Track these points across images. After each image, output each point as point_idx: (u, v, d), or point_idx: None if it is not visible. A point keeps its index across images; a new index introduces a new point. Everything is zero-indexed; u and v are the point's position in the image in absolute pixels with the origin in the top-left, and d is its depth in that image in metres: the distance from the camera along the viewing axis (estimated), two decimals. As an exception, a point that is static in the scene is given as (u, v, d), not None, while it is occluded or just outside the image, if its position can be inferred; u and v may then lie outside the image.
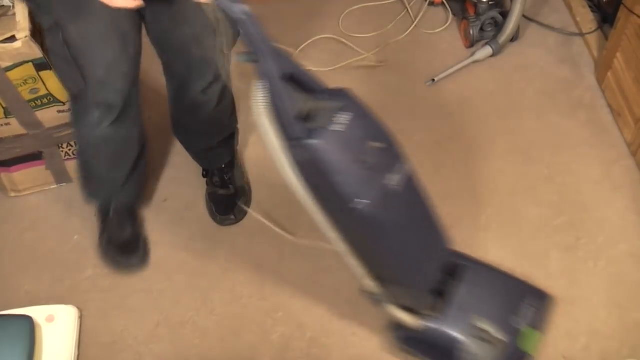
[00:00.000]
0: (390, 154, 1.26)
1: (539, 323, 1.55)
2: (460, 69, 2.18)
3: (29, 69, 1.58)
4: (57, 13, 1.35)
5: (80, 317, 1.69)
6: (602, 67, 2.07)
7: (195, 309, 1.71)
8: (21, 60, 1.56)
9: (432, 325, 1.47)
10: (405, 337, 1.55)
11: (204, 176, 1.90)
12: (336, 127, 1.16)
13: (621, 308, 1.65)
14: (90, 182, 1.74)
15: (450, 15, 2.35)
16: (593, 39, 2.21)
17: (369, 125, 1.23)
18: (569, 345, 1.60)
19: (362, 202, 1.19)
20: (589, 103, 2.08)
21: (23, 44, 1.52)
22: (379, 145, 1.23)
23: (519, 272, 1.73)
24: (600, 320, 1.64)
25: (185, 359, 1.64)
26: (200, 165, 1.89)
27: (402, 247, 1.32)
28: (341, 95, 1.22)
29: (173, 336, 1.67)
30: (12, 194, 1.92)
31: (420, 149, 2.00)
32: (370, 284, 1.42)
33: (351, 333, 1.65)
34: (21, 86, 1.62)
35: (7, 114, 1.68)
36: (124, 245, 1.78)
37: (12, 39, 1.52)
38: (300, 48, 2.26)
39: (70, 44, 1.37)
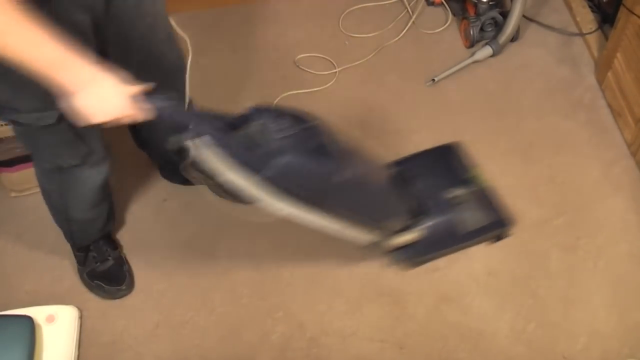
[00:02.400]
0: (315, 125, 1.37)
1: (470, 163, 1.84)
2: (460, 69, 2.18)
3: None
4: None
5: (80, 317, 1.69)
6: (602, 67, 2.07)
7: (195, 309, 1.71)
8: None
9: (427, 224, 1.67)
10: (415, 251, 1.69)
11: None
12: (281, 135, 1.28)
13: (621, 308, 1.65)
14: (79, 234, 1.72)
15: (450, 15, 2.35)
16: (593, 39, 2.21)
17: (291, 116, 1.34)
18: (569, 345, 1.60)
19: (337, 175, 1.34)
20: (589, 103, 2.08)
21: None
22: (309, 124, 1.35)
23: (519, 272, 1.73)
24: (600, 320, 1.64)
25: (185, 359, 1.64)
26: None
27: (376, 187, 1.52)
28: (256, 113, 1.32)
29: (173, 336, 1.67)
30: (12, 194, 1.92)
31: (420, 149, 1.99)
32: (366, 238, 1.55)
33: (351, 333, 1.65)
34: (21, 86, 1.61)
35: (7, 114, 1.68)
36: (108, 274, 1.74)
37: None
38: (298, 56, 2.27)
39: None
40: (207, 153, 1.21)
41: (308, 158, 1.30)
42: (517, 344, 1.61)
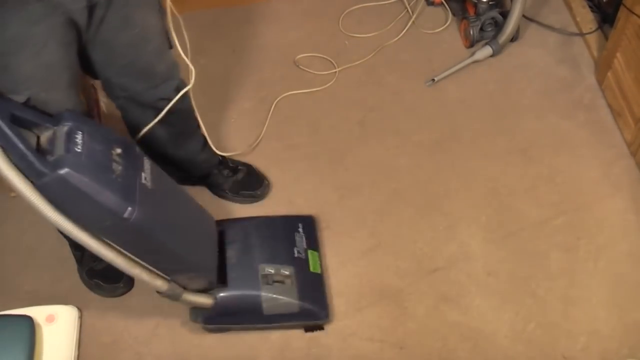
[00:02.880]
0: (132, 154, 1.28)
1: (312, 244, 1.70)
2: (460, 69, 2.18)
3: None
4: None
5: (80, 317, 1.69)
6: (602, 67, 2.07)
7: (195, 309, 1.71)
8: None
9: (225, 294, 1.54)
10: (210, 317, 1.58)
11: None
12: (76, 149, 1.16)
13: (621, 308, 1.65)
14: None
15: (450, 15, 2.35)
16: (593, 39, 2.21)
17: (102, 135, 1.24)
18: (569, 345, 1.60)
19: (132, 211, 1.19)
20: (589, 103, 2.08)
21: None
22: (120, 150, 1.24)
23: (519, 272, 1.73)
24: (600, 320, 1.64)
25: (185, 359, 1.64)
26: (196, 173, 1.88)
27: (180, 237, 1.39)
28: (66, 117, 1.20)
29: (173, 336, 1.67)
30: (12, 194, 1.91)
31: (420, 149, 2.00)
32: (160, 285, 1.39)
33: (351, 333, 1.65)
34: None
35: (7, 114, 1.68)
36: (107, 272, 1.72)
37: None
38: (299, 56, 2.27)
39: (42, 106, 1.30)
40: None
41: (101, 182, 1.16)
42: (517, 344, 1.61)
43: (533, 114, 2.07)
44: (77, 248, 1.75)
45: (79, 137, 1.18)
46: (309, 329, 1.65)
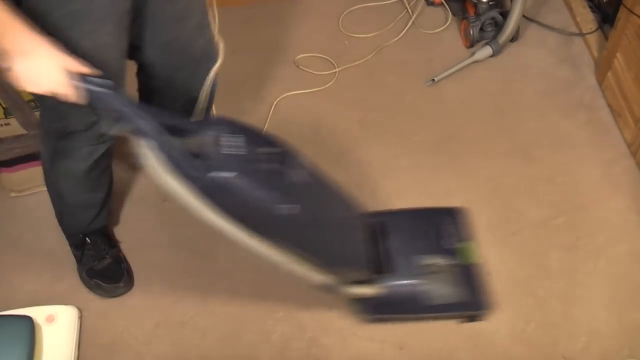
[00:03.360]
0: (281, 153, 1.32)
1: (465, 235, 1.72)
2: (460, 69, 2.18)
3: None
4: None
5: (80, 317, 1.69)
6: (602, 67, 2.07)
7: (195, 309, 1.71)
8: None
9: (389, 283, 1.58)
10: (372, 307, 1.61)
11: None
12: (230, 151, 1.22)
13: (621, 308, 1.65)
14: (68, 215, 1.71)
15: (450, 15, 2.35)
16: (593, 39, 2.21)
17: (251, 136, 1.28)
18: (569, 345, 1.60)
19: (284, 207, 1.25)
20: (589, 103, 2.08)
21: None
22: (269, 149, 1.29)
23: (519, 272, 1.73)
24: (600, 320, 1.64)
25: (185, 359, 1.64)
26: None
27: (330, 231, 1.43)
28: (215, 123, 1.28)
29: (173, 336, 1.67)
30: (12, 194, 1.92)
31: (420, 149, 2.00)
32: (318, 278, 1.45)
33: (351, 333, 1.65)
34: (21, 86, 1.61)
35: (7, 114, 1.68)
36: (107, 272, 1.73)
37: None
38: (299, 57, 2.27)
39: None
40: (147, 154, 1.17)
41: (250, 182, 1.22)
42: (517, 344, 1.61)
43: (533, 114, 2.07)
44: (77, 248, 1.75)
45: (230, 140, 1.23)
46: (466, 320, 1.65)
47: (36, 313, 1.57)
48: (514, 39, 2.23)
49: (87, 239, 1.74)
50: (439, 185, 1.91)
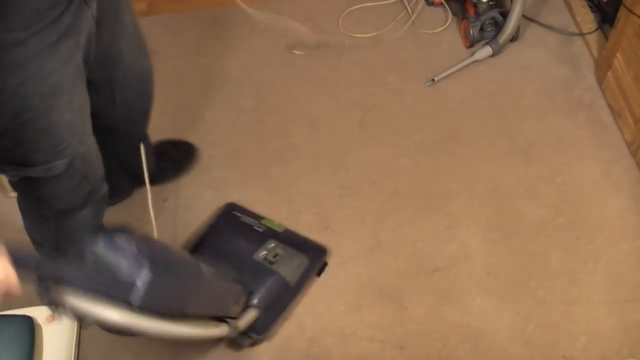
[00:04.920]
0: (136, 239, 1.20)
1: (257, 215, 1.79)
2: (460, 69, 2.18)
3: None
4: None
5: (80, 317, 1.69)
6: (602, 67, 2.07)
7: (195, 309, 1.71)
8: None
9: (256, 297, 1.57)
10: (260, 326, 1.59)
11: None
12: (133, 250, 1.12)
13: (621, 308, 1.65)
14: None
15: (450, 15, 2.35)
16: (593, 39, 2.21)
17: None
18: (569, 345, 1.60)
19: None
20: (589, 103, 2.08)
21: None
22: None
23: (519, 272, 1.73)
24: (600, 320, 1.64)
25: (185, 359, 1.64)
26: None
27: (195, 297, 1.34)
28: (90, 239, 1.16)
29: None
30: (12, 194, 1.91)
31: (420, 149, 2.00)
32: (223, 331, 1.41)
33: (351, 333, 1.65)
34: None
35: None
36: None
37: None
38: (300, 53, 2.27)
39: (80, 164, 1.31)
40: (73, 301, 1.06)
41: (162, 271, 1.14)
42: (517, 344, 1.61)
43: (533, 114, 2.07)
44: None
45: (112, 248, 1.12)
46: (321, 270, 1.74)
47: (36, 313, 1.57)
48: (514, 39, 2.23)
49: None
50: (439, 185, 1.91)
